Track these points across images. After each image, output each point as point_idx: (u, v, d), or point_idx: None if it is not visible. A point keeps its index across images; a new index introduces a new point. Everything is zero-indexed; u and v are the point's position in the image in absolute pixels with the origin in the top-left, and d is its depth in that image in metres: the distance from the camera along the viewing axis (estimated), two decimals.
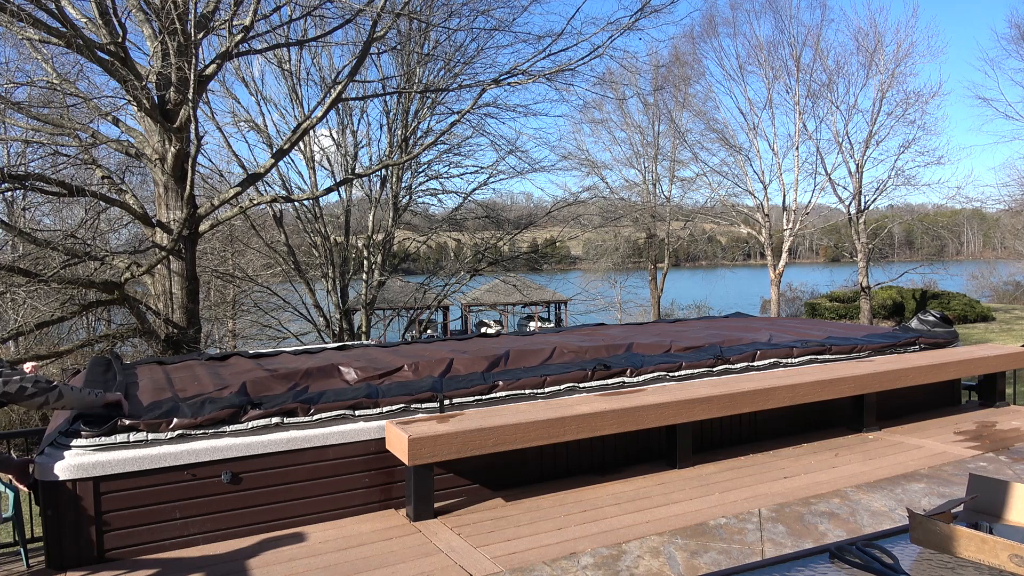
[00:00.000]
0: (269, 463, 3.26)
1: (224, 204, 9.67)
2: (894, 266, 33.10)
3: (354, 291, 16.48)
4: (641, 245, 31.52)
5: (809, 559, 1.51)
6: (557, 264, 40.61)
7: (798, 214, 27.45)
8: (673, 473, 3.94)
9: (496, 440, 3.36)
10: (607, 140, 30.76)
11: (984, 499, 1.74)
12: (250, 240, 16.17)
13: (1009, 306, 37.64)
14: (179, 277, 8.63)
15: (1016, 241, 35.22)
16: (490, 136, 21.61)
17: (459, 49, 14.24)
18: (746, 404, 4.11)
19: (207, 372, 4.08)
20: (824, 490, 3.49)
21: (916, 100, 26.37)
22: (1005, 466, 3.83)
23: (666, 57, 29.21)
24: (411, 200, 17.06)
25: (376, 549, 3.02)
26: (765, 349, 4.83)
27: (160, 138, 8.45)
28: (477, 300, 29.70)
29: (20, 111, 8.46)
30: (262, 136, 15.29)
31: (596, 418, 3.62)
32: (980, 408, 5.49)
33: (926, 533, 1.53)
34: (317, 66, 15.33)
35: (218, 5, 8.59)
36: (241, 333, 17.68)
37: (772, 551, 2.71)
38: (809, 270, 47.17)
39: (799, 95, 27.16)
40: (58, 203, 12.95)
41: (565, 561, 2.71)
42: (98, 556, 2.96)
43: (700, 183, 29.76)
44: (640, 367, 4.31)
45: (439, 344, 5.26)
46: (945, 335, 5.68)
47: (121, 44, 7.52)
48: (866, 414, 4.76)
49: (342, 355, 4.56)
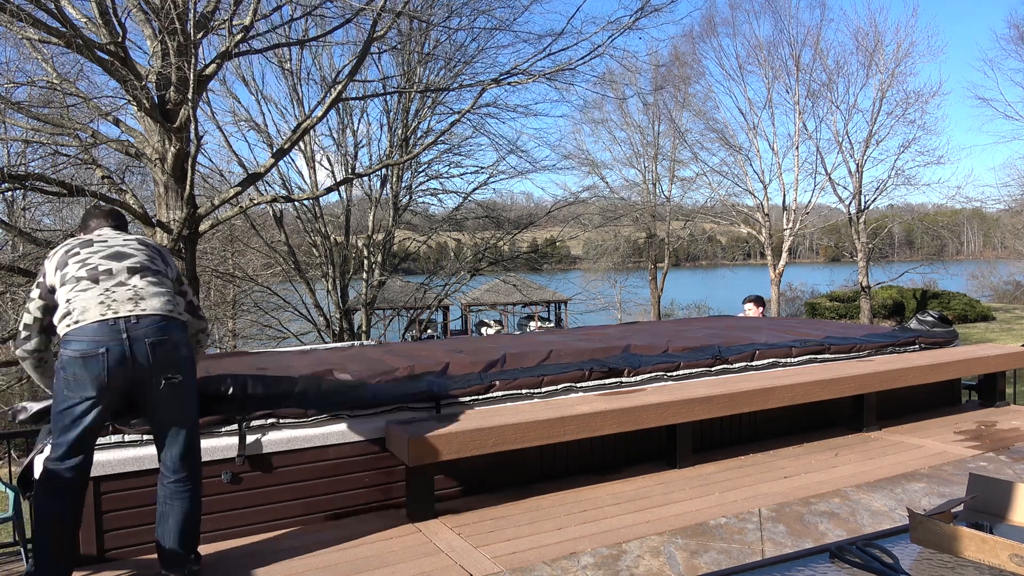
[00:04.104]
0: (269, 463, 3.26)
1: (224, 204, 9.67)
2: (894, 266, 33.12)
3: (354, 291, 16.48)
4: (641, 245, 31.53)
5: (809, 559, 1.51)
6: (557, 264, 40.61)
7: (798, 214, 27.45)
8: (673, 473, 3.94)
9: (496, 440, 3.36)
10: (607, 140, 30.79)
11: (984, 499, 1.74)
12: (250, 240, 16.17)
13: (1009, 306, 37.64)
14: None
15: (1016, 241, 35.22)
16: (490, 136, 21.68)
17: (459, 49, 14.26)
18: (746, 404, 4.11)
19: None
20: (824, 490, 3.50)
21: (916, 100, 26.41)
22: (1005, 466, 3.83)
23: (666, 57, 29.25)
24: (411, 200, 17.07)
25: (376, 549, 3.02)
26: (764, 349, 4.83)
27: (160, 138, 8.44)
28: (477, 300, 29.71)
29: (20, 111, 8.46)
30: (262, 136, 15.30)
31: (596, 418, 3.62)
32: (980, 408, 5.49)
33: (926, 533, 1.53)
34: (317, 65, 15.35)
35: (218, 5, 8.59)
36: (241, 333, 17.68)
37: (772, 551, 2.71)
38: (809, 270, 47.17)
39: (799, 95, 27.17)
40: (58, 203, 12.96)
41: (565, 561, 2.71)
42: (98, 556, 2.96)
43: (700, 183, 29.80)
44: (638, 367, 4.31)
45: (437, 344, 5.26)
46: (944, 335, 5.68)
47: (121, 44, 7.52)
48: (866, 414, 4.76)
49: (340, 355, 4.57)
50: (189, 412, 2.73)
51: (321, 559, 2.92)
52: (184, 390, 2.69)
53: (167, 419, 2.67)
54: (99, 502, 2.95)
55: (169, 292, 2.77)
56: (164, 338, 2.61)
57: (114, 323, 2.55)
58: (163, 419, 2.67)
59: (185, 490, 2.69)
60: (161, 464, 2.73)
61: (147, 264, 2.79)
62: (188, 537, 2.71)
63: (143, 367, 2.57)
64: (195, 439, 2.77)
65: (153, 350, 2.58)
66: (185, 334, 2.75)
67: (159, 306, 2.67)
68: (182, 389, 2.67)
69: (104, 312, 2.56)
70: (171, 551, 2.68)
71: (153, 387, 2.60)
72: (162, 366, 2.60)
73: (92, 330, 2.52)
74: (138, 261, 2.78)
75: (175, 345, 2.65)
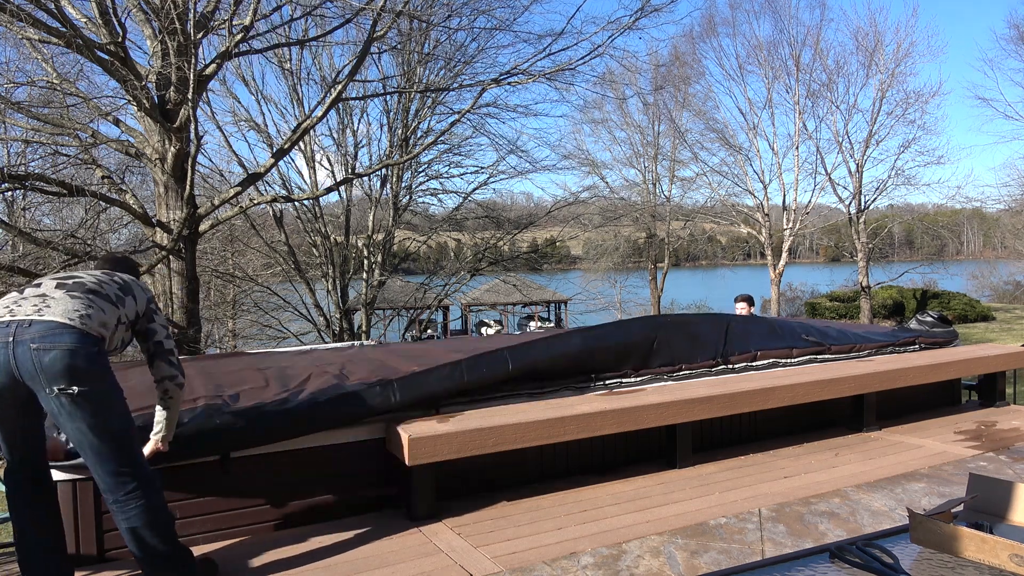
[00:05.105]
0: (269, 462, 3.26)
1: (224, 204, 9.67)
2: (894, 266, 33.12)
3: (354, 291, 16.49)
4: (641, 245, 31.53)
5: (809, 559, 1.51)
6: (557, 264, 40.61)
7: (798, 214, 27.46)
8: (673, 473, 3.94)
9: (496, 440, 3.36)
10: (607, 140, 30.81)
11: (984, 499, 1.74)
12: (250, 240, 16.17)
13: (1009, 306, 37.63)
14: (179, 277, 8.63)
15: (1016, 241, 35.22)
16: (490, 136, 21.69)
17: (459, 49, 14.26)
18: (746, 404, 4.11)
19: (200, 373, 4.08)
20: (824, 490, 3.49)
21: (916, 100, 26.44)
22: (1005, 466, 3.83)
23: (666, 57, 29.26)
24: (411, 200, 17.08)
25: (376, 549, 3.02)
26: (764, 349, 4.83)
27: (160, 138, 8.45)
28: (477, 300, 29.70)
29: (20, 111, 8.46)
30: (262, 135, 15.31)
31: (596, 418, 3.62)
32: (980, 408, 5.49)
33: (926, 533, 1.53)
34: (317, 65, 15.36)
35: (218, 5, 8.59)
36: (241, 333, 17.68)
37: (772, 551, 2.71)
38: (809, 270, 47.16)
39: (799, 95, 27.19)
40: (58, 203, 12.95)
41: (566, 561, 2.71)
42: (98, 556, 2.96)
43: (700, 183, 29.82)
44: (638, 368, 4.31)
45: (435, 344, 5.26)
46: (944, 335, 5.68)
47: (121, 44, 7.52)
48: (866, 414, 4.76)
49: (338, 355, 4.56)
50: (103, 427, 2.43)
51: (321, 559, 2.92)
52: (87, 402, 2.38)
53: (75, 437, 2.43)
54: (99, 502, 2.95)
55: (85, 304, 2.49)
56: (52, 344, 2.33)
57: (6, 325, 2.37)
58: (72, 436, 2.43)
59: (127, 509, 2.49)
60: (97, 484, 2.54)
61: (84, 283, 2.59)
62: (151, 549, 2.54)
63: (28, 373, 2.34)
64: (122, 452, 2.48)
65: (37, 356, 2.32)
66: (89, 346, 2.41)
67: (60, 313, 2.41)
68: (84, 401, 2.37)
69: (2, 315, 2.41)
70: (143, 564, 2.58)
71: (47, 399, 2.37)
72: (50, 375, 2.32)
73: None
74: (75, 281, 2.59)
75: (68, 353, 2.35)
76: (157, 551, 2.56)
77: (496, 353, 3.82)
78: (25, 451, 2.53)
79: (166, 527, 2.59)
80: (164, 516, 2.59)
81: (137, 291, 2.74)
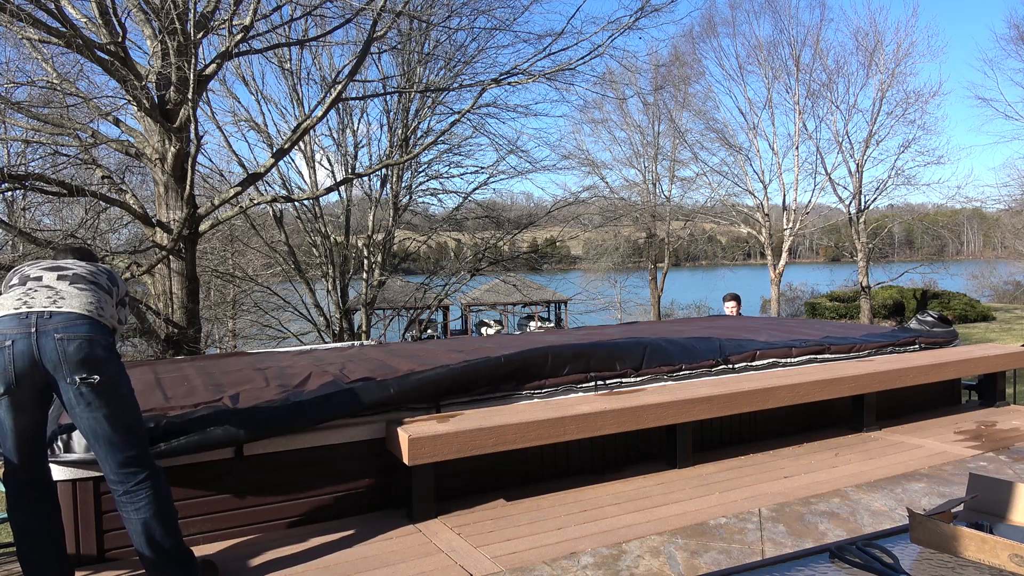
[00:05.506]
0: (269, 462, 3.26)
1: (224, 204, 9.67)
2: (894, 266, 33.08)
3: (354, 291, 16.48)
4: (641, 245, 31.52)
5: (809, 559, 1.51)
6: (557, 264, 40.58)
7: (798, 214, 27.45)
8: (673, 473, 3.94)
9: (496, 440, 3.36)
10: (607, 140, 30.79)
11: (984, 499, 1.74)
12: (250, 240, 16.16)
13: (1009, 306, 37.63)
14: (179, 277, 8.63)
15: (1016, 241, 35.18)
16: (490, 136, 21.65)
17: (460, 49, 14.25)
18: (746, 404, 4.11)
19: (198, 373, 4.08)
20: (824, 490, 3.49)
21: (916, 100, 26.41)
22: (1005, 466, 3.83)
23: (666, 57, 29.23)
24: (411, 200, 17.06)
25: (376, 549, 3.02)
26: (764, 349, 4.83)
27: (160, 138, 8.45)
28: (477, 300, 29.69)
29: (20, 111, 8.46)
30: (262, 136, 15.29)
31: (596, 418, 3.62)
32: (980, 408, 5.49)
33: (926, 533, 1.53)
34: (317, 65, 15.33)
35: (218, 5, 8.59)
36: (241, 333, 17.68)
37: (772, 551, 2.71)
38: (809, 270, 47.16)
39: (799, 95, 27.18)
40: (58, 203, 12.94)
41: (566, 561, 2.71)
42: (98, 556, 2.96)
43: (700, 183, 29.80)
44: (639, 367, 4.31)
45: (435, 344, 5.26)
46: (944, 335, 5.68)
47: (121, 44, 7.52)
48: (866, 414, 4.76)
49: (337, 355, 4.56)
50: (119, 417, 2.54)
51: (321, 559, 2.92)
52: (106, 392, 2.50)
53: (91, 426, 2.51)
54: (99, 502, 2.95)
55: (96, 298, 2.65)
56: (75, 334, 2.47)
57: (26, 316, 2.46)
58: (87, 426, 2.51)
59: (136, 499, 2.56)
60: (105, 477, 2.60)
61: (82, 275, 2.71)
62: (157, 544, 2.59)
63: (52, 362, 2.43)
64: (133, 442, 2.57)
65: (62, 345, 2.44)
66: (106, 337, 2.58)
67: (77, 305, 2.55)
68: (104, 391, 2.49)
69: (19, 307, 2.49)
70: (147, 560, 2.61)
71: (68, 388, 2.45)
72: (74, 364, 2.44)
73: (3, 323, 2.45)
74: (73, 272, 2.71)
75: (89, 343, 2.49)
76: (163, 546, 2.60)
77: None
78: (28, 449, 2.55)
79: (173, 521, 2.65)
80: (171, 509, 2.66)
81: (116, 278, 2.89)
